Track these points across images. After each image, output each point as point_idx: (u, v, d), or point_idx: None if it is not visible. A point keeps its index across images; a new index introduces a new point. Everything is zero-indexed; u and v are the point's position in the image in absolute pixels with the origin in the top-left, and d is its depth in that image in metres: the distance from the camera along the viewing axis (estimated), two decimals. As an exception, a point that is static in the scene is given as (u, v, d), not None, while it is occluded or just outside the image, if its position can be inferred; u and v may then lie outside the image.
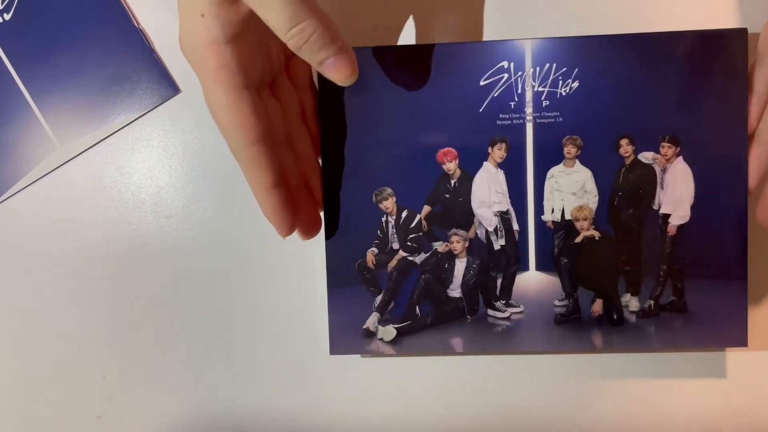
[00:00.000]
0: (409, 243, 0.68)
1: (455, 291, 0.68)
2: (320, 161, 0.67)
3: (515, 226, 0.67)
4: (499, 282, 0.68)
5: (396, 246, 0.68)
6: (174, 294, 0.77)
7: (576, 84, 0.65)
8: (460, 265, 0.68)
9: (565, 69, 0.65)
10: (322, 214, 0.67)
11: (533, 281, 0.67)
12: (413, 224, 0.67)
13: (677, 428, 0.75)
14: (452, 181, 0.67)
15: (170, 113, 0.75)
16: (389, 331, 0.68)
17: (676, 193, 0.66)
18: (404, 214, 0.67)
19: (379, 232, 0.67)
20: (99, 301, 0.77)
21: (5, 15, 0.74)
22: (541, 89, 0.65)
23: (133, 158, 0.76)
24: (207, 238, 0.76)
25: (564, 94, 0.65)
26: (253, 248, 0.75)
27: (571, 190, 0.66)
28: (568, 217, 0.67)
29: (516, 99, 0.65)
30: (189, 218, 0.76)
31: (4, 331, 0.78)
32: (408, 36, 0.72)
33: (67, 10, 0.74)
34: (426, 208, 0.67)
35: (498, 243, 0.67)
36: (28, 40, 0.74)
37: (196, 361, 0.77)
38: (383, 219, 0.67)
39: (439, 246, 0.68)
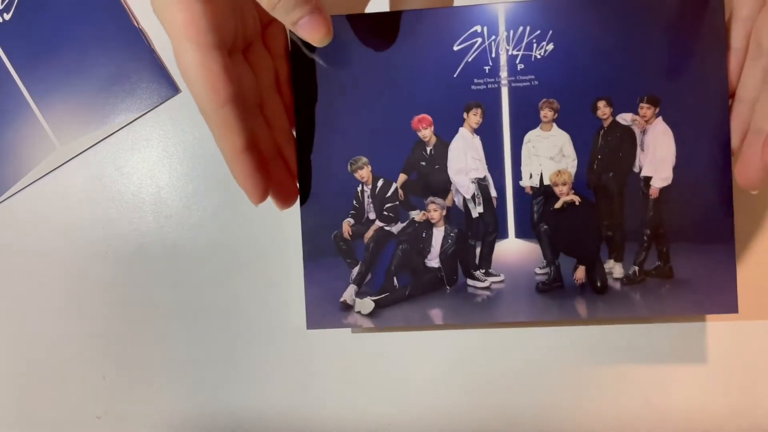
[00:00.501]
0: (385, 212, 0.67)
1: (433, 261, 0.67)
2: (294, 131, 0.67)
3: (493, 193, 0.65)
4: (478, 251, 0.66)
5: (372, 216, 0.67)
6: (174, 294, 0.77)
7: (551, 46, 0.64)
8: (438, 234, 0.67)
9: (539, 32, 0.64)
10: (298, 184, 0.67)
11: (513, 249, 0.66)
12: (389, 193, 0.66)
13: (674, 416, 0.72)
14: (428, 149, 0.66)
15: (170, 113, 0.76)
16: (367, 304, 0.66)
17: (657, 155, 0.64)
18: (380, 183, 0.66)
19: (354, 202, 0.66)
20: (99, 301, 0.78)
21: (5, 15, 0.76)
22: (515, 53, 0.64)
23: (133, 158, 0.77)
24: (207, 238, 0.76)
25: (539, 57, 0.64)
26: (252, 248, 0.75)
27: (548, 155, 0.65)
28: (546, 182, 0.65)
29: (490, 63, 0.64)
30: (189, 218, 0.76)
31: (4, 331, 0.79)
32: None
33: (67, 10, 0.76)
34: (402, 177, 0.66)
35: (476, 210, 0.66)
36: (28, 40, 0.76)
37: (196, 361, 0.77)
38: (359, 188, 0.66)
39: (416, 215, 0.66)
